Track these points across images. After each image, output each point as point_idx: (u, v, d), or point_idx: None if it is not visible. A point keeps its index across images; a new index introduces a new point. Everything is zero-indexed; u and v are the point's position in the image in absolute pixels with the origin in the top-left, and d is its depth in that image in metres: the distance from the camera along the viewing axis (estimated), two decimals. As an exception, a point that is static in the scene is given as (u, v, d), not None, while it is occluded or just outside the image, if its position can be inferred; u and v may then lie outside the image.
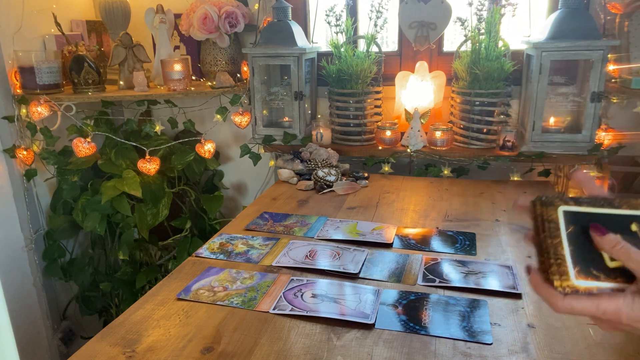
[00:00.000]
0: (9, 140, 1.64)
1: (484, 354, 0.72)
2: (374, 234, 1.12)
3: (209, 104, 1.86)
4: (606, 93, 1.43)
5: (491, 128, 1.53)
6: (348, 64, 1.57)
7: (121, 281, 1.82)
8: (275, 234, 1.16)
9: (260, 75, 1.64)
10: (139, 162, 1.64)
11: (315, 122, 1.68)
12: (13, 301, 1.67)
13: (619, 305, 0.47)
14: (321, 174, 1.47)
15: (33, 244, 1.74)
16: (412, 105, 1.62)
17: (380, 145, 1.62)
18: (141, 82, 1.68)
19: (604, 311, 0.48)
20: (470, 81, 1.50)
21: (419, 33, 1.59)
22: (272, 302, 0.86)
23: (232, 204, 2.09)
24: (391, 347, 0.74)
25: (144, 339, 0.78)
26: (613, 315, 0.48)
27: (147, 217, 1.71)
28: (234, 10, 1.68)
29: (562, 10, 1.39)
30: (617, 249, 0.47)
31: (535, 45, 1.39)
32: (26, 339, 1.74)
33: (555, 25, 1.38)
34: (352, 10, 1.66)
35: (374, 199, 1.38)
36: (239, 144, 1.81)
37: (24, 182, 1.71)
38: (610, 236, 0.48)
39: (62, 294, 1.91)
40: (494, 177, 1.60)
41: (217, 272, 0.98)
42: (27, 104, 1.62)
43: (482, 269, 0.96)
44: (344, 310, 0.83)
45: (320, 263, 0.99)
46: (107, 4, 1.75)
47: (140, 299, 0.89)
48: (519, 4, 1.45)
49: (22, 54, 1.59)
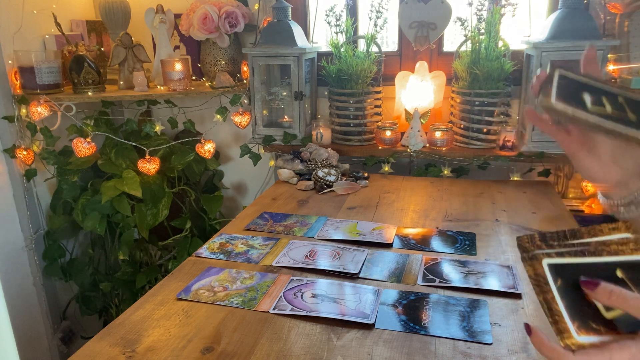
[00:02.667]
0: (9, 140, 1.64)
1: (484, 354, 0.72)
2: (374, 234, 1.12)
3: (209, 104, 1.86)
4: (606, 93, 1.43)
5: (491, 128, 1.53)
6: (348, 64, 1.57)
7: (121, 281, 1.82)
8: (275, 234, 1.16)
9: (260, 75, 1.64)
10: (139, 162, 1.64)
11: (315, 122, 1.68)
12: (13, 301, 1.67)
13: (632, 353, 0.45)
14: (321, 174, 1.47)
15: (33, 244, 1.74)
16: (412, 105, 1.62)
17: (380, 145, 1.62)
18: (141, 82, 1.68)
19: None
20: (470, 81, 1.50)
21: (419, 33, 1.59)
22: (272, 302, 0.86)
23: (232, 204, 2.09)
24: (391, 347, 0.74)
25: (144, 339, 0.78)
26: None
27: (147, 217, 1.71)
28: (234, 10, 1.68)
29: (562, 10, 1.39)
30: (613, 299, 0.45)
31: (535, 45, 1.39)
32: (26, 339, 1.74)
33: (555, 25, 1.38)
34: (352, 10, 1.66)
35: (374, 199, 1.38)
36: (239, 144, 1.81)
37: (24, 182, 1.71)
38: (602, 287, 0.46)
39: (62, 294, 1.91)
40: (494, 177, 1.60)
41: (217, 272, 0.98)
42: (27, 104, 1.62)
43: (482, 269, 0.96)
44: (344, 310, 0.83)
45: (320, 263, 1.00)
46: (107, 4, 1.75)
47: (140, 299, 0.89)
48: (519, 4, 1.45)
49: (22, 54, 1.59)
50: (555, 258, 0.47)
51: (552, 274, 0.47)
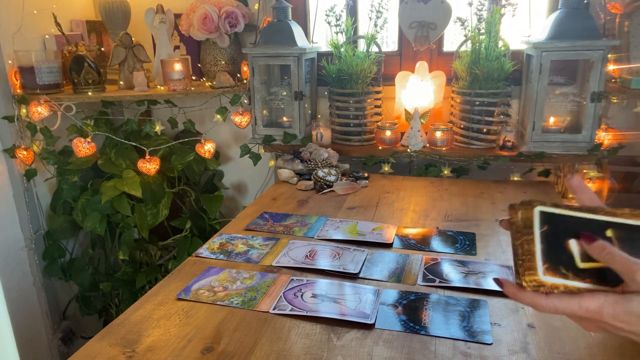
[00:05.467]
0: (9, 140, 1.64)
1: (484, 354, 0.72)
2: (374, 234, 1.12)
3: (209, 104, 1.86)
4: (606, 93, 1.43)
5: (491, 128, 1.53)
6: (348, 64, 1.57)
7: (121, 281, 1.82)
8: (275, 234, 1.16)
9: (260, 75, 1.64)
10: (139, 162, 1.64)
11: (315, 122, 1.68)
12: (13, 301, 1.67)
13: (601, 304, 0.48)
14: (321, 174, 1.47)
15: (33, 244, 1.74)
16: (412, 105, 1.62)
17: (380, 145, 1.62)
18: (141, 82, 1.68)
19: (586, 309, 0.49)
20: (470, 81, 1.50)
21: (419, 33, 1.59)
22: (272, 302, 0.86)
23: (232, 204, 2.09)
24: (391, 347, 0.74)
25: (144, 339, 0.78)
26: (595, 313, 0.49)
27: (147, 217, 1.71)
28: (234, 10, 1.68)
29: (562, 10, 1.39)
30: (603, 254, 0.49)
31: (535, 45, 1.39)
32: (26, 339, 1.74)
33: (555, 25, 1.38)
34: (352, 10, 1.66)
35: (374, 199, 1.38)
36: (239, 144, 1.81)
37: (24, 182, 1.71)
38: (599, 242, 0.49)
39: (62, 294, 1.91)
40: (494, 177, 1.60)
41: (217, 272, 0.98)
42: (27, 104, 1.62)
43: (482, 269, 0.96)
44: (344, 310, 0.83)
45: (320, 263, 0.99)
46: (107, 4, 1.75)
47: (140, 299, 0.89)
48: (519, 4, 1.45)
49: (22, 54, 1.59)
50: (549, 207, 0.51)
51: (540, 220, 0.50)
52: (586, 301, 0.49)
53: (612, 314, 0.48)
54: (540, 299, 0.50)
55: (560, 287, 0.50)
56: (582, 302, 0.49)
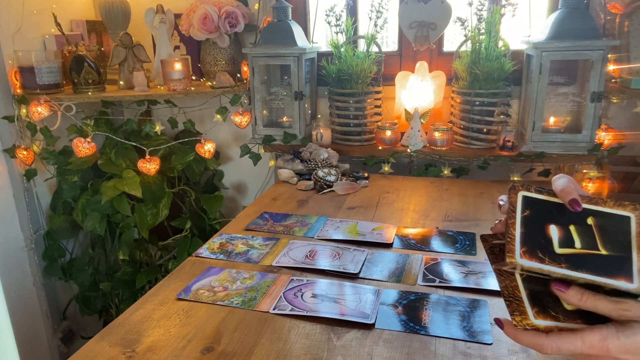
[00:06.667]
0: (9, 140, 1.64)
1: (484, 354, 0.72)
2: (374, 234, 1.12)
3: (209, 104, 1.86)
4: (606, 93, 1.43)
5: (491, 128, 1.53)
6: (348, 64, 1.57)
7: (121, 281, 1.82)
8: (275, 234, 1.16)
9: (260, 75, 1.64)
10: (139, 162, 1.64)
11: (315, 122, 1.68)
12: (13, 301, 1.67)
13: (604, 335, 0.47)
14: (321, 174, 1.47)
15: (33, 244, 1.74)
16: (412, 105, 1.62)
17: (380, 145, 1.62)
18: (141, 82, 1.68)
19: (590, 344, 0.47)
20: (470, 81, 1.50)
21: (419, 33, 1.59)
22: (272, 302, 0.86)
23: (232, 204, 2.09)
24: (391, 347, 0.74)
25: (144, 339, 0.78)
26: (601, 347, 0.47)
27: (147, 217, 1.71)
28: (234, 10, 1.68)
29: (562, 10, 1.39)
30: (583, 302, 0.48)
31: (535, 45, 1.39)
32: (26, 339, 1.74)
33: (555, 25, 1.38)
34: (352, 10, 1.66)
35: (374, 199, 1.38)
36: (239, 144, 1.81)
37: (24, 182, 1.71)
38: (573, 290, 0.48)
39: (62, 294, 1.91)
40: (494, 177, 1.60)
41: (217, 272, 0.98)
42: (27, 104, 1.62)
43: (482, 269, 0.96)
44: (344, 310, 0.83)
45: (320, 263, 0.99)
46: (107, 4, 1.75)
47: (140, 299, 0.89)
48: (519, 4, 1.45)
49: (22, 54, 1.59)
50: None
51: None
52: (588, 336, 0.47)
53: (618, 346, 0.46)
54: (542, 339, 0.49)
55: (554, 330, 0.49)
56: (585, 337, 0.47)
